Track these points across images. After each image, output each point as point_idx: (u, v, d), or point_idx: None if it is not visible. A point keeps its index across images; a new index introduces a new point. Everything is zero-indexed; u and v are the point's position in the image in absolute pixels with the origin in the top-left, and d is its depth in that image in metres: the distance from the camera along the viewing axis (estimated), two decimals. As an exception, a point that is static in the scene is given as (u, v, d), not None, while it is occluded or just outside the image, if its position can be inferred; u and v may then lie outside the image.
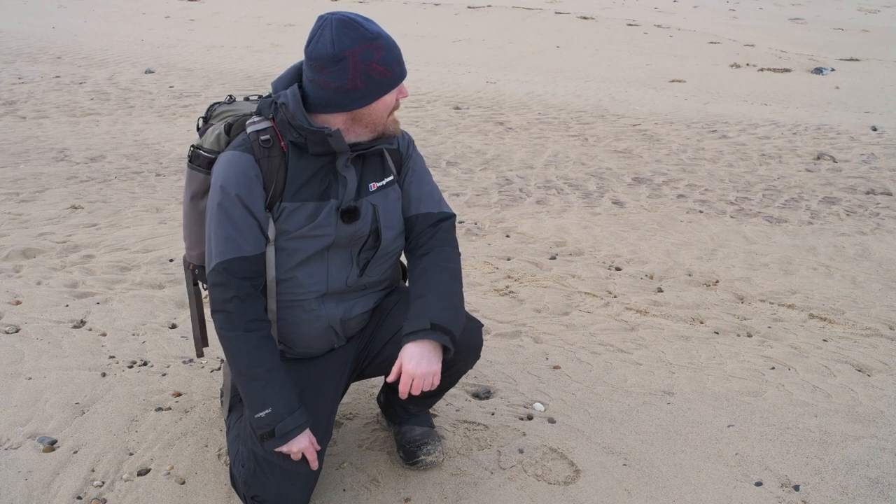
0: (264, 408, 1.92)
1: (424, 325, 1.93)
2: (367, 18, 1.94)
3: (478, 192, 5.13)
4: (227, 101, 2.18)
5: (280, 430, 1.93)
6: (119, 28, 13.49)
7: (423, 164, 2.22)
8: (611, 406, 2.68)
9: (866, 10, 20.32)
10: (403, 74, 1.98)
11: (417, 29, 14.56)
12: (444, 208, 2.18)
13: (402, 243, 2.17)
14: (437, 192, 2.21)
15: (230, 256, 1.92)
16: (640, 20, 15.90)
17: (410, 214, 2.15)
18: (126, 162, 5.57)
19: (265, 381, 1.92)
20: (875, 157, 6.32)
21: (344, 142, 1.95)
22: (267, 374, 1.93)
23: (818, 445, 2.48)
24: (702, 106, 8.44)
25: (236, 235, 1.93)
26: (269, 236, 1.98)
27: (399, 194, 2.14)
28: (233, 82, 8.76)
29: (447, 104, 7.99)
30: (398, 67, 1.96)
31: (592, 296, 3.59)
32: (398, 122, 2.05)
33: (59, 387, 2.65)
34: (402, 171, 2.16)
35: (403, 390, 1.93)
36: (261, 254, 1.96)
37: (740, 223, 4.68)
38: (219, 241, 1.93)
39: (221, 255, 1.92)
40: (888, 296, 3.67)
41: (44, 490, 2.15)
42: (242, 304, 1.93)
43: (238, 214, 1.93)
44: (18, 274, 3.57)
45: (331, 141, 1.93)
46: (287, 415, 1.93)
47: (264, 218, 1.97)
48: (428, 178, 2.20)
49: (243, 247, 1.93)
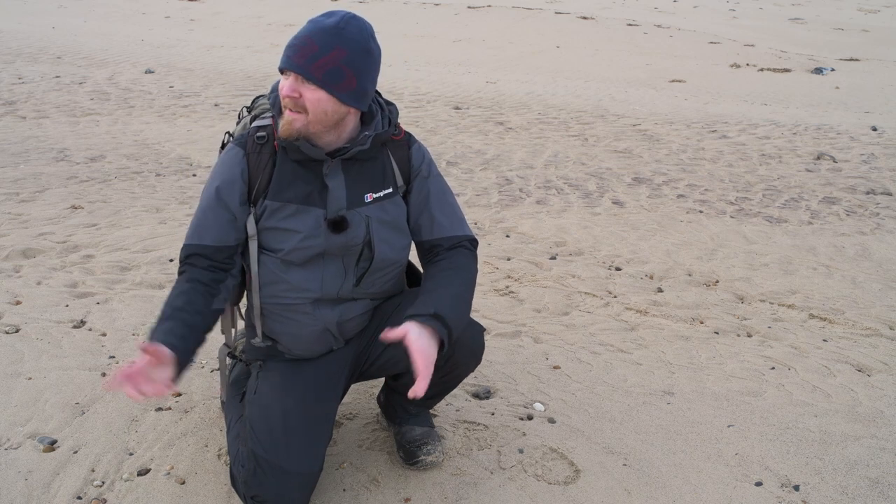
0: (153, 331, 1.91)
1: (427, 311, 1.90)
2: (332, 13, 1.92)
3: (478, 192, 5.13)
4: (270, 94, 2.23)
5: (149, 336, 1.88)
6: (119, 28, 13.49)
7: (444, 183, 2.18)
8: (611, 406, 2.68)
9: (866, 10, 20.32)
10: (281, 63, 1.90)
11: (417, 29, 14.56)
12: (466, 231, 2.16)
13: (402, 257, 2.15)
14: (459, 212, 2.18)
15: (195, 242, 2.03)
16: (640, 20, 15.90)
17: (432, 238, 2.13)
18: (126, 162, 5.57)
19: (163, 316, 1.93)
20: (875, 157, 6.32)
21: (314, 148, 1.95)
22: (171, 312, 1.94)
23: (818, 445, 2.48)
24: (702, 106, 8.44)
25: (204, 224, 2.02)
26: (248, 231, 2.03)
27: (401, 208, 2.12)
28: (233, 82, 8.76)
29: (447, 104, 7.99)
30: (283, 53, 1.90)
31: (592, 296, 3.59)
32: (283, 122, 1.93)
33: (59, 387, 2.65)
34: (414, 185, 2.13)
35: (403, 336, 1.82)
36: (224, 247, 2.02)
37: (740, 223, 4.68)
38: (191, 227, 2.05)
39: (189, 239, 2.05)
40: (888, 296, 3.67)
41: (44, 490, 2.15)
42: (194, 271, 2.01)
43: (212, 206, 2.01)
44: (18, 274, 3.57)
45: (300, 147, 1.95)
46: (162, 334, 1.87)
47: (242, 213, 2.02)
48: (449, 199, 2.17)
49: (205, 237, 2.02)
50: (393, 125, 2.07)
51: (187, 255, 2.04)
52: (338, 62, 1.87)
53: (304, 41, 1.88)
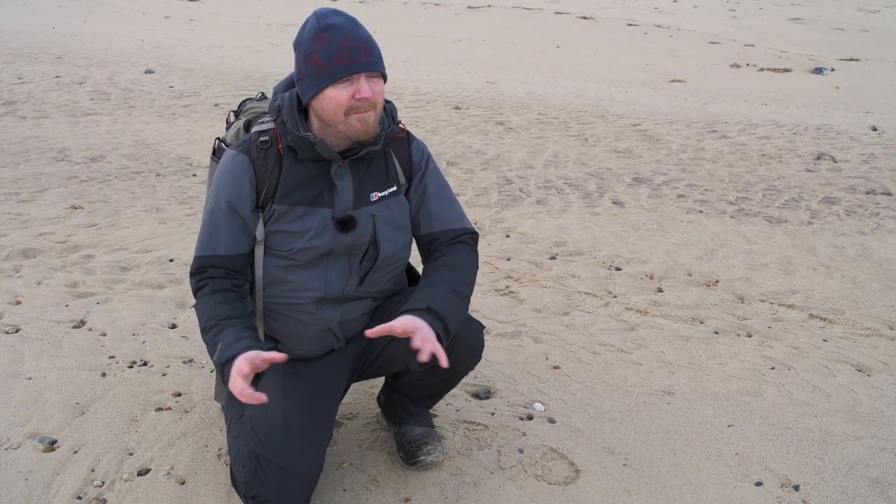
0: (218, 344, 1.87)
1: (421, 306, 1.89)
2: (338, 12, 1.93)
3: (478, 192, 5.13)
4: (258, 97, 2.23)
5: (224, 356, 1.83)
6: (119, 28, 13.49)
7: (441, 177, 2.18)
8: (611, 406, 2.68)
9: (866, 10, 20.32)
10: (346, 71, 1.88)
11: (417, 29, 14.56)
12: (465, 224, 2.16)
13: (405, 255, 2.16)
14: (457, 206, 2.18)
15: (208, 253, 2.01)
16: (640, 20, 15.90)
17: (431, 231, 2.12)
18: (126, 162, 5.57)
19: (219, 327, 1.90)
20: (875, 157, 6.32)
21: (330, 149, 1.96)
22: (222, 321, 1.90)
23: (818, 445, 2.48)
24: (702, 106, 8.44)
25: (216, 235, 2.01)
26: (256, 236, 2.02)
27: (404, 206, 2.12)
28: (233, 82, 8.76)
29: (447, 104, 7.99)
30: (340, 62, 1.88)
31: (592, 296, 3.59)
32: (363, 125, 1.93)
33: (59, 387, 2.65)
34: (414, 181, 2.13)
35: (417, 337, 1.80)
36: (238, 255, 2.02)
37: (740, 223, 4.68)
38: (202, 237, 2.03)
39: (201, 251, 2.03)
40: (888, 296, 3.67)
41: (44, 490, 2.15)
42: (216, 282, 2.00)
43: (222, 216, 2.00)
44: (18, 274, 3.57)
45: (317, 148, 1.95)
46: (235, 341, 1.84)
47: (252, 219, 2.01)
48: (447, 193, 2.17)
49: (219, 246, 2.01)
50: (396, 121, 2.08)
51: (202, 266, 2.01)
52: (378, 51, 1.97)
53: (363, 41, 1.91)
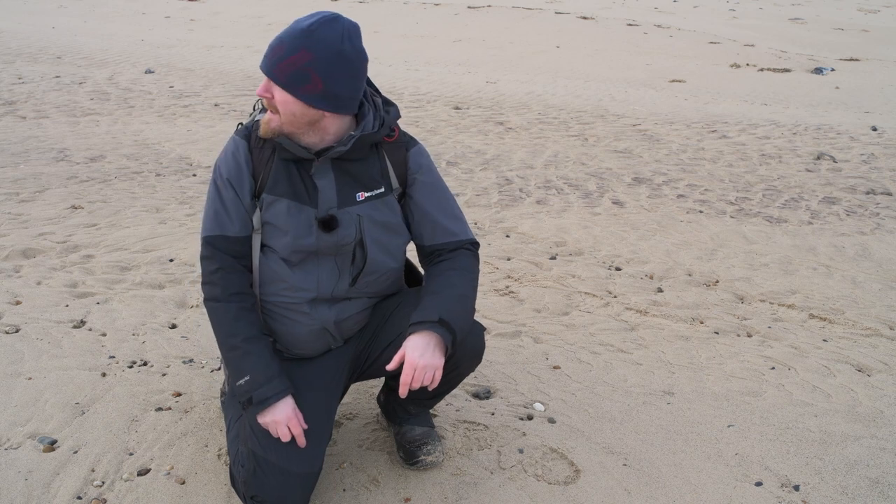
0: (243, 375, 1.98)
1: (433, 317, 1.92)
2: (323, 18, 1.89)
3: (478, 192, 5.13)
4: None
5: (257, 397, 1.95)
6: (119, 28, 13.49)
7: (443, 186, 2.17)
8: (611, 406, 2.68)
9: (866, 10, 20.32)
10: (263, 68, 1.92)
11: (417, 29, 14.56)
12: (469, 234, 2.15)
13: (396, 263, 2.14)
14: (460, 216, 2.17)
15: (216, 233, 2.02)
16: (640, 20, 15.90)
17: (434, 242, 2.12)
18: (126, 162, 5.57)
19: (243, 350, 1.98)
20: (875, 157, 6.32)
21: (297, 146, 1.96)
22: (244, 343, 1.98)
23: (818, 445, 2.48)
24: (702, 106, 8.44)
25: (223, 214, 2.02)
26: (253, 223, 2.04)
27: (394, 208, 2.10)
28: (233, 82, 8.76)
29: (447, 104, 7.99)
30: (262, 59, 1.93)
31: (592, 296, 3.59)
32: (264, 123, 1.96)
33: (59, 387, 2.65)
34: (409, 188, 2.12)
35: (405, 381, 1.89)
36: (245, 237, 2.04)
37: (740, 223, 4.68)
38: (208, 216, 2.04)
39: (208, 231, 2.04)
40: (888, 296, 3.67)
41: (44, 490, 2.15)
42: (227, 276, 2.02)
43: (228, 196, 2.02)
44: (18, 274, 3.57)
45: (285, 146, 1.97)
46: (265, 382, 1.96)
47: (251, 205, 2.04)
48: (450, 204, 2.16)
49: (228, 226, 2.02)
50: (386, 126, 2.04)
51: (211, 248, 2.02)
52: (301, 64, 1.85)
53: (276, 42, 1.89)
